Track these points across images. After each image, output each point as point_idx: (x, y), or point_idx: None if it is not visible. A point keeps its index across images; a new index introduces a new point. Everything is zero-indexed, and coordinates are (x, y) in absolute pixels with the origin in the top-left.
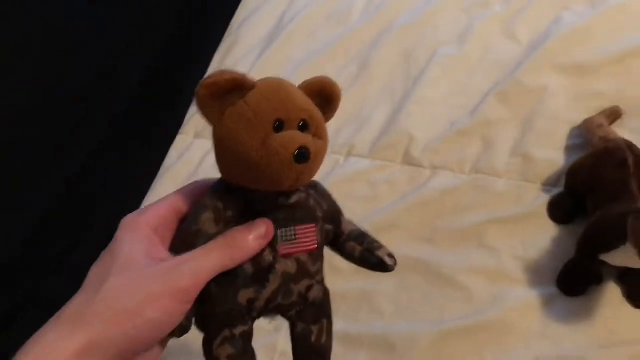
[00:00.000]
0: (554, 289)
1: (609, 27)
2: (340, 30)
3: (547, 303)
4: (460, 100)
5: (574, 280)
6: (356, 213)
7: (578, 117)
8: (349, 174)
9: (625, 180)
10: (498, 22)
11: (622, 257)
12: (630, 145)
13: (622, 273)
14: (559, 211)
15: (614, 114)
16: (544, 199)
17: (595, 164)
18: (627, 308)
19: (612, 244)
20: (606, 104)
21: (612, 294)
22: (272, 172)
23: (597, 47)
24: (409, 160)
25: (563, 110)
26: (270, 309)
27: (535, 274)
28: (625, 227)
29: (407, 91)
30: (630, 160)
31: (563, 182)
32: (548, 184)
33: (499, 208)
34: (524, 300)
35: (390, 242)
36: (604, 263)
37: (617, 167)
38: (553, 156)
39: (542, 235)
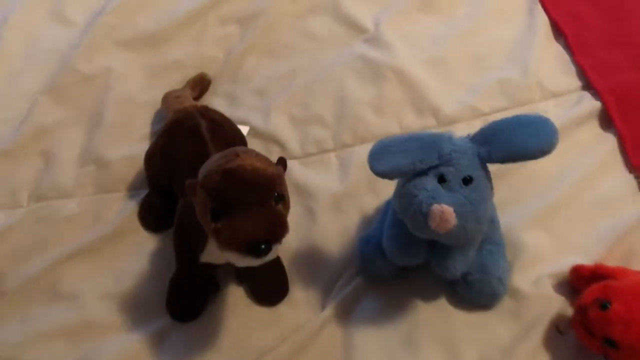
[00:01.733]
0: (165, 320)
1: None
2: None
3: (159, 342)
4: (2, 112)
5: (185, 298)
6: None
7: (159, 96)
8: None
9: (203, 150)
10: (43, 5)
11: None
12: (203, 110)
13: (240, 269)
14: (150, 216)
15: (200, 82)
16: (133, 208)
17: (166, 142)
18: (257, 311)
19: (204, 237)
20: (190, 72)
21: (237, 299)
22: None
23: (163, 11)
24: None
25: (138, 93)
26: None
27: (136, 309)
28: None
29: None
30: (205, 126)
31: None
32: (134, 188)
33: (74, 238)
34: (123, 351)
35: None
36: (212, 265)
37: (191, 136)
38: (133, 152)
39: (138, 254)
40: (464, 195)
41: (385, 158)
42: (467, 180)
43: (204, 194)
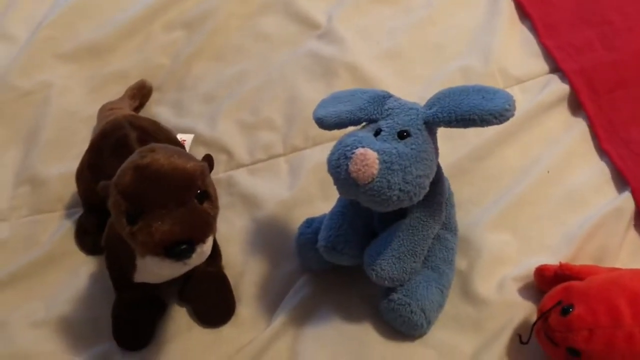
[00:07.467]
0: (99, 348)
1: None
2: None
3: None
4: None
5: (129, 324)
6: None
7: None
8: None
9: None
10: None
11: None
12: (133, 119)
13: (181, 288)
14: (86, 237)
15: (140, 91)
16: (69, 227)
17: (94, 157)
18: (198, 333)
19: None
20: (135, 82)
21: (179, 321)
22: None
23: (106, 21)
24: None
25: (79, 107)
26: None
27: (68, 338)
28: None
29: None
30: (134, 136)
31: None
32: (72, 206)
33: (3, 263)
34: None
35: None
36: (150, 285)
37: (119, 148)
38: (72, 169)
39: (72, 279)
40: (394, 146)
41: (330, 106)
42: (402, 135)
43: (117, 195)
